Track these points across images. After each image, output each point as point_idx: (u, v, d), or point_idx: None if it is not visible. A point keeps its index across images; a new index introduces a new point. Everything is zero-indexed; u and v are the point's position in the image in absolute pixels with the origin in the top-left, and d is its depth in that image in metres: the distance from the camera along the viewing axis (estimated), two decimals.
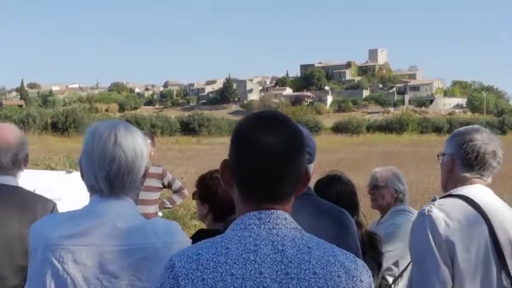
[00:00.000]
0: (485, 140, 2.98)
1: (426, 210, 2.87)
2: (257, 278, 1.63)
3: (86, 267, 2.13)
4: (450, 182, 3.08)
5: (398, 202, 4.58)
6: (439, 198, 2.97)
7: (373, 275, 3.78)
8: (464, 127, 3.13)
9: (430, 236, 2.79)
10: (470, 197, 2.90)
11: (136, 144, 2.28)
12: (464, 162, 3.00)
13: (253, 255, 1.65)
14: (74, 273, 2.11)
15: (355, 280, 1.69)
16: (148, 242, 2.19)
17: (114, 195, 2.25)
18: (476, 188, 2.97)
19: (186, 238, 2.31)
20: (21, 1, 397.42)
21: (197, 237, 3.38)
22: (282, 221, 1.73)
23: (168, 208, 7.99)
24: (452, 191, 3.01)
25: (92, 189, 2.28)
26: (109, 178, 2.23)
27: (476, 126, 3.11)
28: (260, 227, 1.69)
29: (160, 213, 7.34)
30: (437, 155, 3.15)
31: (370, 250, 3.74)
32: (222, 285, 1.61)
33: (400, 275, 4.16)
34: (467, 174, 3.00)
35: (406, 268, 4.11)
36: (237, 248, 1.66)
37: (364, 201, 4.78)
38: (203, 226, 3.77)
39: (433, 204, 2.89)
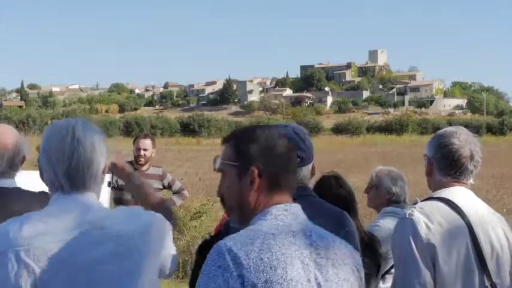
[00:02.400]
0: (462, 143, 2.95)
1: (407, 214, 2.86)
2: (299, 256, 1.92)
3: (63, 263, 2.10)
4: (431, 185, 3.09)
5: (392, 203, 4.54)
6: (420, 201, 2.96)
7: (371, 276, 3.80)
8: (444, 129, 3.10)
9: (412, 240, 2.78)
10: (451, 199, 2.90)
11: (95, 139, 2.28)
12: (440, 166, 3.00)
13: (293, 239, 1.94)
14: (52, 270, 2.08)
15: (356, 256, 2.14)
16: (120, 229, 2.21)
17: (76, 190, 2.25)
18: (457, 191, 2.96)
19: (155, 217, 2.37)
20: (21, 2, 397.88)
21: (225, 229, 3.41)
22: (300, 212, 2.10)
23: None
24: (433, 193, 3.01)
25: (52, 186, 2.28)
26: (68, 173, 2.22)
27: (454, 128, 3.08)
28: (288, 217, 2.02)
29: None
30: (423, 155, 3.13)
31: (369, 251, 3.74)
32: (276, 264, 1.86)
33: (382, 277, 4.13)
34: (444, 178, 3.00)
35: (388, 270, 4.07)
36: (279, 233, 1.94)
37: (364, 202, 4.77)
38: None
39: (414, 208, 2.88)
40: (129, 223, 2.26)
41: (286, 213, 2.02)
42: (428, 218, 2.81)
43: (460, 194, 2.95)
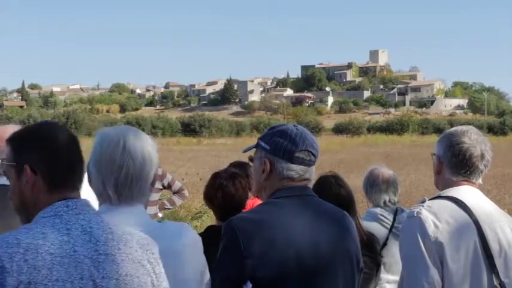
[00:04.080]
0: (473, 142, 2.94)
1: (415, 212, 2.84)
2: (72, 254, 1.85)
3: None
4: (440, 183, 3.07)
5: (371, 204, 4.63)
6: (428, 200, 2.95)
7: (371, 275, 3.81)
8: (454, 128, 3.08)
9: (420, 238, 2.77)
10: (459, 198, 2.88)
11: (145, 151, 2.26)
12: (450, 165, 2.98)
13: (67, 237, 1.87)
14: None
15: (148, 250, 2.03)
16: (167, 245, 2.18)
17: (124, 202, 2.23)
18: (465, 190, 2.94)
19: (198, 236, 2.36)
20: (22, 2, 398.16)
21: (207, 233, 3.44)
22: (86, 207, 2.00)
23: (168, 209, 8.00)
24: (441, 192, 2.99)
25: (100, 196, 2.27)
26: (117, 185, 2.21)
27: (465, 127, 3.06)
28: (69, 213, 1.94)
29: (160, 214, 7.34)
30: (431, 154, 3.13)
31: (368, 251, 3.75)
32: (42, 264, 1.78)
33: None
34: (454, 177, 2.98)
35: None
36: (52, 232, 1.87)
37: (364, 201, 4.79)
38: (204, 227, 3.81)
39: (422, 206, 2.86)
40: (174, 240, 2.25)
41: (67, 209, 1.94)
42: (436, 217, 2.80)
43: (468, 193, 2.93)
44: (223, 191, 3.56)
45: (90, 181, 2.29)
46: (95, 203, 2.34)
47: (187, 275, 2.24)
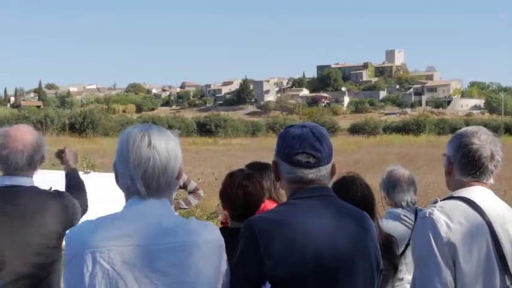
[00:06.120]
0: (482, 143, 2.94)
1: (427, 213, 2.85)
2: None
3: (135, 267, 2.15)
4: (451, 184, 3.07)
5: (389, 205, 4.63)
6: (440, 201, 2.94)
7: (388, 277, 3.79)
8: (464, 128, 3.07)
9: (432, 239, 2.78)
10: (471, 199, 2.88)
11: (169, 146, 2.32)
12: (460, 165, 2.98)
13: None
14: (125, 274, 2.14)
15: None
16: (192, 239, 2.25)
17: (152, 195, 2.28)
18: (477, 190, 2.94)
19: (221, 235, 2.38)
20: (39, 3, 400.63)
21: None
22: None
23: (184, 209, 8.00)
24: (453, 193, 2.99)
25: (128, 191, 2.31)
26: (145, 179, 2.26)
27: (475, 127, 3.04)
28: None
29: (176, 214, 7.35)
30: (442, 155, 3.12)
31: (386, 252, 3.72)
32: None
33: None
34: (464, 178, 2.98)
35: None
36: None
37: (381, 202, 4.76)
38: (219, 226, 3.80)
39: (434, 207, 2.87)
40: (200, 234, 2.29)
41: None
42: (449, 217, 2.80)
43: (480, 193, 2.93)
44: (243, 190, 3.54)
45: (117, 180, 2.34)
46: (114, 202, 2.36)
47: (209, 269, 2.26)
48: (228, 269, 2.40)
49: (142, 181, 2.26)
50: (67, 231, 2.35)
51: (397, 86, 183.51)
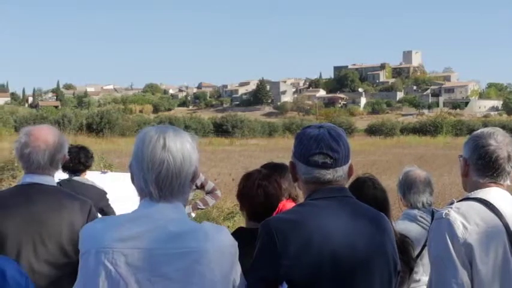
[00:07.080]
0: (499, 144, 2.93)
1: (444, 214, 2.84)
2: None
3: (138, 270, 2.15)
4: (467, 185, 3.06)
5: (405, 206, 4.63)
6: (457, 202, 2.94)
7: (403, 278, 3.78)
8: (481, 130, 3.06)
9: (448, 240, 2.77)
10: (488, 200, 2.87)
11: (184, 149, 2.31)
12: (476, 167, 2.97)
13: None
14: (127, 276, 2.14)
15: None
16: (200, 246, 2.21)
17: (164, 199, 2.27)
18: (494, 191, 2.93)
19: (234, 241, 2.34)
20: (58, 4, 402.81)
21: (236, 234, 3.43)
22: None
23: (201, 209, 8.02)
24: (469, 194, 2.98)
25: (142, 192, 2.31)
26: (158, 182, 2.25)
27: (491, 129, 3.03)
28: None
29: (193, 214, 7.37)
30: (458, 156, 3.12)
31: (401, 253, 3.72)
32: None
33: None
34: (480, 180, 2.97)
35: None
36: None
37: (397, 204, 4.76)
38: (236, 227, 3.80)
39: (451, 208, 2.86)
40: (210, 241, 2.25)
41: None
42: (465, 218, 2.79)
43: (496, 195, 2.92)
44: (264, 189, 3.53)
45: (132, 180, 2.34)
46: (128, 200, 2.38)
47: (215, 277, 2.23)
48: (241, 282, 2.36)
49: (155, 184, 2.25)
50: (82, 227, 2.36)
51: (414, 87, 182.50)
